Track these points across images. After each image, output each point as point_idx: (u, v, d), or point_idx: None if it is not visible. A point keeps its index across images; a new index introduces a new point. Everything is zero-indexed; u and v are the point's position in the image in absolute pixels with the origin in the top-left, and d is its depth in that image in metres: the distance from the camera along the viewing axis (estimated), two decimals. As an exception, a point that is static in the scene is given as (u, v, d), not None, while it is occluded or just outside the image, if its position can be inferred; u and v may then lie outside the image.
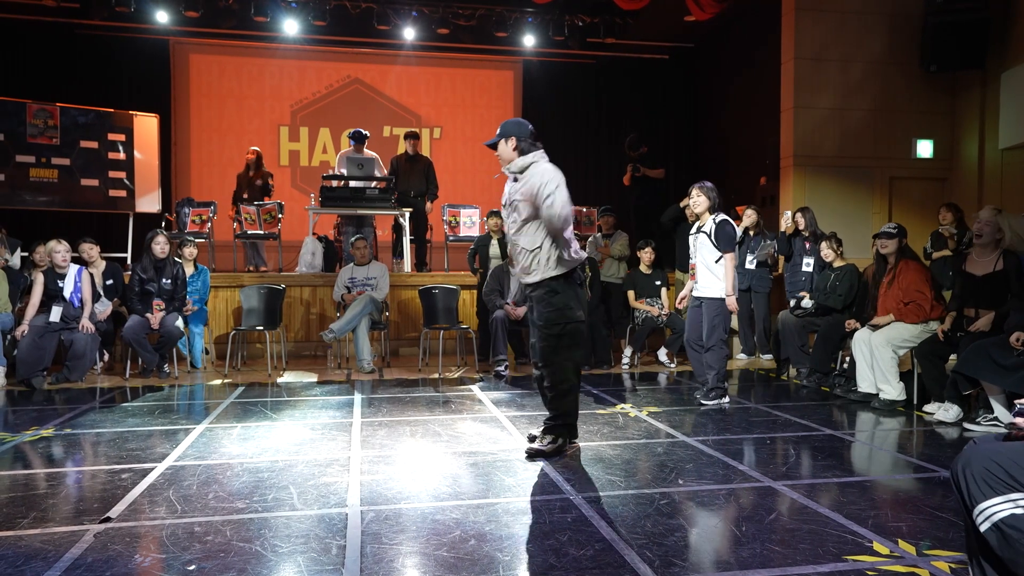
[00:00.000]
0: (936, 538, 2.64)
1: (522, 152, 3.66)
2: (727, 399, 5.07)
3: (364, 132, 8.36)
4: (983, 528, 1.87)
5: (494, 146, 3.73)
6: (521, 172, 3.67)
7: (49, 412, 4.79)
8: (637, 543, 2.59)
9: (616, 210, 8.17)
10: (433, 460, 3.68)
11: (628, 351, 6.77)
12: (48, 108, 8.22)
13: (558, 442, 3.74)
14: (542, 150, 3.71)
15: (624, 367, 6.68)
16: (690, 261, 5.18)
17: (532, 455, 3.69)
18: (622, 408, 4.92)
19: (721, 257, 4.93)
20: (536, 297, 3.75)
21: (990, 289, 4.57)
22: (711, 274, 4.98)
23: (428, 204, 8.57)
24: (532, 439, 3.92)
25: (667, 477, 3.37)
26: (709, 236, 4.97)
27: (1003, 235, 4.56)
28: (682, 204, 6.89)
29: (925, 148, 8.47)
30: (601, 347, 6.60)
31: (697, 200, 5.02)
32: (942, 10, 7.80)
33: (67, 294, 5.85)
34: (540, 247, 3.65)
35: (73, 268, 5.93)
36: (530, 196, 3.57)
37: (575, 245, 3.72)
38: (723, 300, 4.95)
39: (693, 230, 5.16)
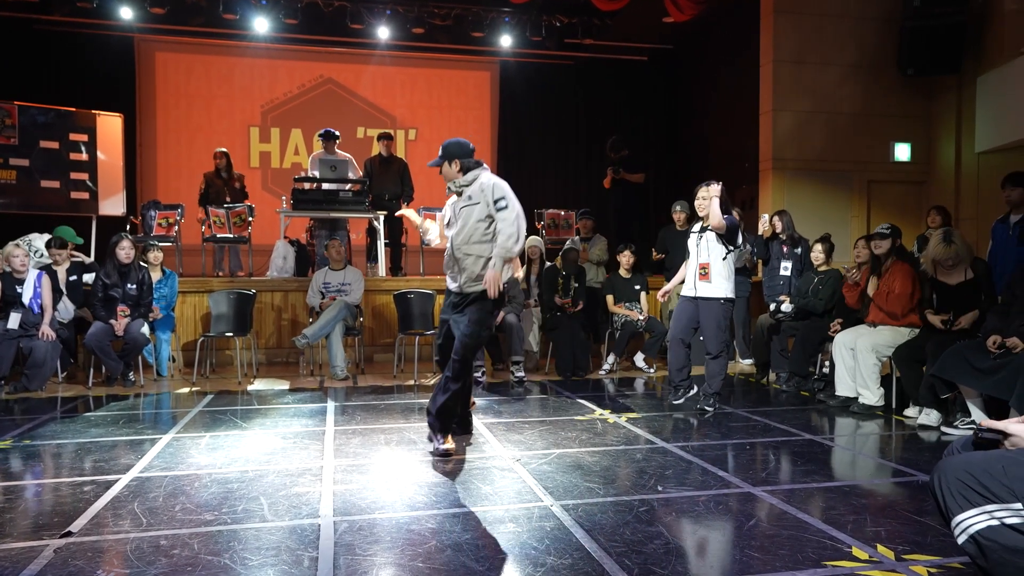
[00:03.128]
0: (915, 543, 2.69)
1: (466, 170, 4.00)
2: (718, 406, 5.11)
3: (334, 131, 8.33)
4: (960, 540, 1.90)
5: (439, 166, 4.05)
6: (467, 185, 3.99)
7: (7, 423, 4.69)
8: (616, 551, 2.60)
9: (595, 213, 8.22)
10: (408, 469, 3.66)
11: (610, 358, 6.79)
12: (6, 106, 8.06)
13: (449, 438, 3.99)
14: (486, 166, 4.07)
15: (603, 373, 6.71)
16: (699, 261, 5.03)
17: (442, 454, 3.90)
18: (600, 414, 4.95)
19: (729, 254, 4.93)
20: (473, 299, 3.96)
21: (964, 297, 4.79)
22: (719, 275, 4.93)
23: (404, 207, 8.54)
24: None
25: (646, 484, 3.40)
26: (720, 234, 4.96)
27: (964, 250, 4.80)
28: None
29: (903, 151, 8.64)
30: (580, 353, 6.62)
31: (703, 201, 5.00)
32: (919, 14, 7.97)
33: (26, 300, 5.74)
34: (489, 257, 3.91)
35: (32, 273, 5.83)
36: (483, 201, 3.90)
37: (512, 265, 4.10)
38: (729, 301, 4.97)
39: (696, 228, 5.11)
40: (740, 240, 5.05)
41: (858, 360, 5.07)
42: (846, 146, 8.51)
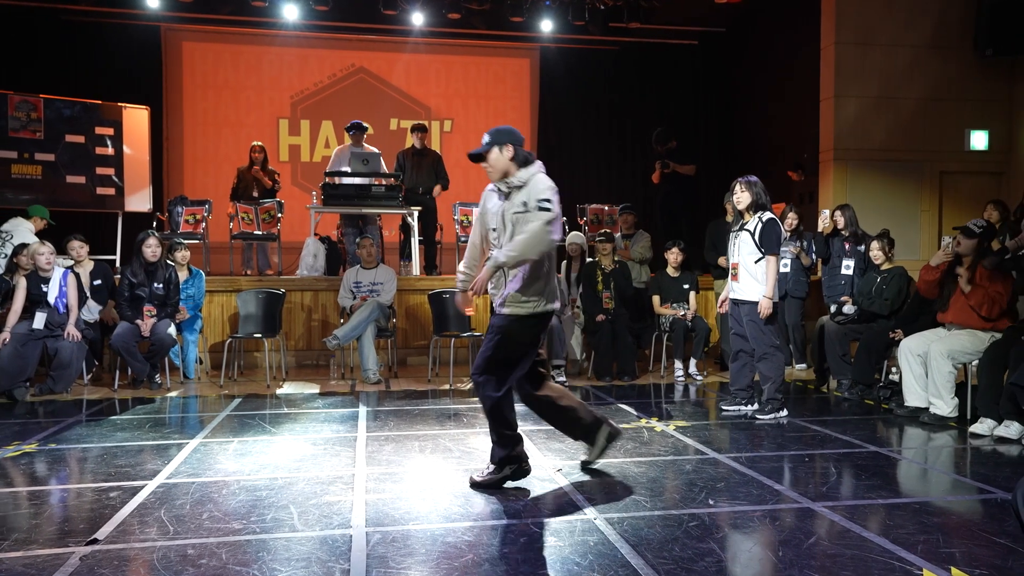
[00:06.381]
0: (994, 566, 2.62)
1: (522, 163, 3.43)
2: (785, 412, 5.09)
3: (364, 124, 8.41)
4: None
5: (482, 156, 3.44)
6: (521, 187, 3.41)
7: (32, 426, 4.85)
8: (664, 568, 2.58)
9: (641, 208, 8.15)
10: (444, 478, 3.69)
11: (679, 365, 6.71)
12: (31, 100, 8.33)
13: (503, 471, 3.53)
14: (541, 166, 3.51)
15: (680, 378, 6.65)
16: (731, 261, 5.23)
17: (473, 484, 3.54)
18: (647, 422, 4.91)
19: (762, 258, 4.96)
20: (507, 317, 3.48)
21: None
22: (751, 277, 5.01)
23: (437, 189, 8.46)
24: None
25: (696, 497, 3.36)
26: (752, 235, 5.00)
27: None
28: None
29: (980, 140, 8.40)
30: (625, 357, 6.58)
31: (740, 196, 5.10)
32: (1001, -11, 7.76)
33: (51, 299, 5.92)
34: (538, 277, 3.42)
35: (58, 271, 6.01)
36: (532, 207, 3.35)
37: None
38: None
39: (735, 228, 5.20)
40: (780, 244, 5.06)
41: (930, 367, 4.93)
42: (916, 134, 8.31)
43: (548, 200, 3.33)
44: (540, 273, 3.43)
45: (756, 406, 5.18)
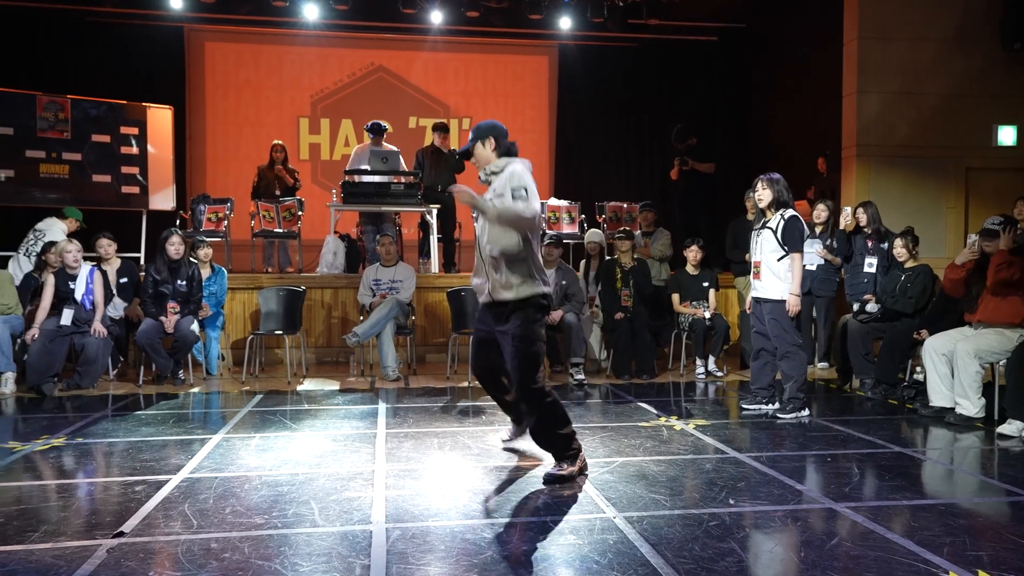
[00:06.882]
0: (1021, 570, 2.57)
1: (503, 153, 3.63)
2: (807, 412, 5.04)
3: (383, 124, 8.43)
4: None
5: (469, 153, 3.67)
6: (498, 172, 3.60)
7: (60, 420, 4.91)
8: (684, 568, 2.57)
9: (660, 206, 8.10)
10: (463, 474, 3.69)
11: (699, 363, 6.67)
12: (59, 100, 8.43)
13: (576, 463, 3.62)
14: (520, 159, 3.65)
15: (700, 376, 6.61)
16: (752, 259, 5.19)
17: (549, 480, 3.56)
18: (666, 421, 4.89)
19: (784, 256, 4.92)
20: (510, 309, 3.57)
21: None
22: (773, 275, 4.98)
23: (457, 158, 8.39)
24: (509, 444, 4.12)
25: (717, 496, 3.34)
26: (775, 232, 4.96)
27: None
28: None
29: (1008, 135, 8.26)
30: (644, 355, 6.56)
31: (761, 194, 5.05)
32: (1027, -18, 7.63)
33: (79, 296, 6.01)
34: (524, 258, 3.53)
35: (85, 269, 6.09)
36: (507, 192, 3.46)
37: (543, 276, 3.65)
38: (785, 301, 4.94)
39: (757, 225, 5.16)
40: (803, 241, 4.99)
41: (957, 367, 4.85)
42: (940, 130, 8.19)
43: (524, 188, 3.45)
44: (519, 256, 3.53)
45: (777, 405, 5.14)
